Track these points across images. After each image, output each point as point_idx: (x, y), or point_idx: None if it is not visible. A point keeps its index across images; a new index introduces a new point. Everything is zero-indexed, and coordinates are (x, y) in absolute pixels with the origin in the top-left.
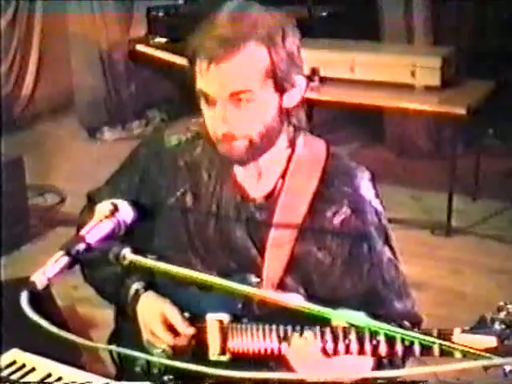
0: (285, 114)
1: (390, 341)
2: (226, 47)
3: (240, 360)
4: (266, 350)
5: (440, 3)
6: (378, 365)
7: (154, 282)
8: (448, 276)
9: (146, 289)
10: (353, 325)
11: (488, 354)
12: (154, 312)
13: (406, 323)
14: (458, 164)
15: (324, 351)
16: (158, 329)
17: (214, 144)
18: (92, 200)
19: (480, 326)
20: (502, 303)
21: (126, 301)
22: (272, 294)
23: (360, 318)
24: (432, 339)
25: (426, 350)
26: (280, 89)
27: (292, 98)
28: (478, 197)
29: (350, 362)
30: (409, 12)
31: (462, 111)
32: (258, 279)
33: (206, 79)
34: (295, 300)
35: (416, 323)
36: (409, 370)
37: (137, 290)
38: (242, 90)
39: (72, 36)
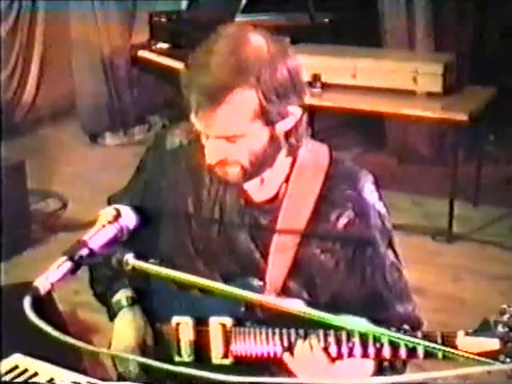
0: (281, 137)
1: (394, 344)
2: (210, 98)
3: (243, 363)
4: (268, 354)
5: (441, 10)
6: (379, 368)
7: (149, 286)
8: (449, 282)
9: (129, 299)
10: None
11: (490, 360)
12: (121, 334)
13: (407, 327)
14: (459, 170)
15: (328, 355)
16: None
17: None
18: (110, 204)
19: (483, 328)
20: (504, 306)
21: (111, 306)
22: (274, 299)
23: (362, 325)
24: (437, 346)
25: (430, 353)
26: (270, 123)
27: (285, 126)
28: (479, 203)
29: (351, 366)
30: (410, 18)
31: (463, 117)
32: (261, 283)
33: (196, 119)
34: (297, 306)
35: (417, 327)
36: (410, 376)
37: (119, 301)
38: (229, 136)
39: (74, 41)
